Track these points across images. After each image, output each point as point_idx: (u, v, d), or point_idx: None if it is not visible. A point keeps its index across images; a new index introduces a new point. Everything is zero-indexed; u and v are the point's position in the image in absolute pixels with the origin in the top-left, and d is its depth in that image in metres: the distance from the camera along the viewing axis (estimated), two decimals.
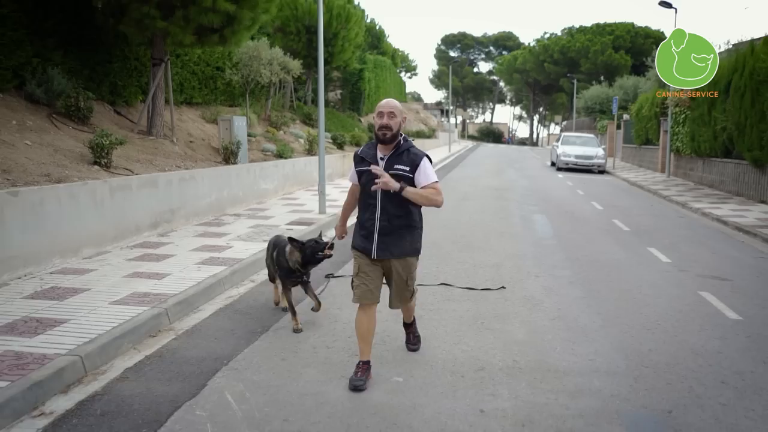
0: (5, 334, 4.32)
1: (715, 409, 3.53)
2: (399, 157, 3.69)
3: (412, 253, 3.86)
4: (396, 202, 3.67)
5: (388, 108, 3.67)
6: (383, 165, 3.67)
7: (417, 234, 3.88)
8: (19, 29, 9.16)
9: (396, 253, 3.77)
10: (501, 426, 3.24)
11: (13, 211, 5.91)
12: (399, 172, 3.65)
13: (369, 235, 3.76)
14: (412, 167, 3.67)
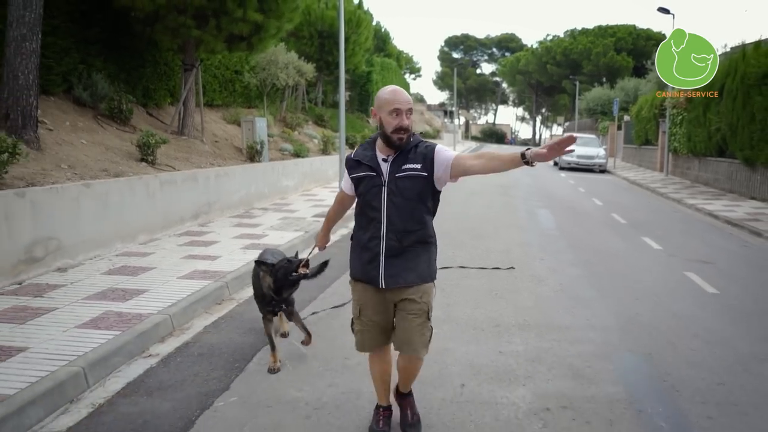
0: (100, 300, 5.20)
1: (687, 353, 4.40)
2: (406, 155, 2.89)
3: (429, 278, 2.98)
4: (407, 211, 2.88)
5: (407, 104, 2.85)
6: (387, 168, 2.89)
7: (434, 252, 3.06)
8: (68, 38, 10.05)
9: (410, 280, 2.91)
10: (516, 361, 4.13)
11: (86, 201, 6.80)
12: (409, 173, 2.85)
13: (373, 258, 2.93)
14: (425, 162, 2.86)
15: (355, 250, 3.07)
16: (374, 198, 2.90)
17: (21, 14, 7.31)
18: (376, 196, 2.89)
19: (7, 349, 4.02)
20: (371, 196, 2.91)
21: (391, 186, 2.87)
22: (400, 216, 2.87)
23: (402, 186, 2.86)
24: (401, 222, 2.87)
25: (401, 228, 2.88)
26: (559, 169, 25.24)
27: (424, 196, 2.89)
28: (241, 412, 3.42)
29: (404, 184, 2.86)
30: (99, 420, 3.36)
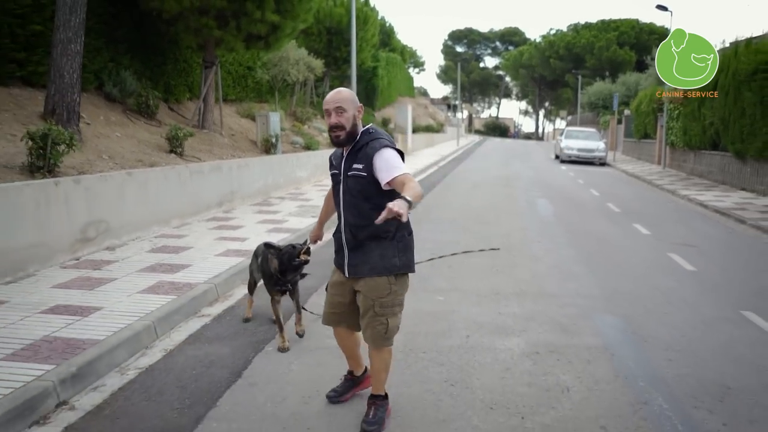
0: (152, 272, 5.98)
1: (659, 315, 5.18)
2: (355, 155, 3.00)
3: (384, 272, 3.03)
4: (355, 210, 3.03)
5: (334, 103, 2.98)
6: (343, 165, 3.06)
7: (392, 247, 3.05)
8: (99, 38, 10.80)
9: (364, 272, 3.05)
10: (513, 320, 4.90)
11: (129, 188, 7.57)
12: (354, 173, 2.98)
13: (339, 249, 3.17)
14: (367, 163, 2.94)
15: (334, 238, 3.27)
16: (336, 194, 3.15)
17: (67, 18, 8.07)
18: (337, 193, 3.13)
19: (86, 308, 4.80)
20: (335, 192, 3.17)
21: (344, 184, 3.05)
22: (351, 212, 3.04)
23: (350, 184, 3.01)
24: (353, 218, 3.03)
25: (353, 223, 3.03)
26: (561, 162, 25.95)
27: (368, 194, 2.97)
28: (288, 354, 4.21)
29: (352, 182, 3.00)
30: (173, 360, 4.14)
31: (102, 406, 3.48)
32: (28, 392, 3.38)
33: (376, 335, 3.09)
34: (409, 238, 3.17)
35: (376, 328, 3.08)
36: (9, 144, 7.26)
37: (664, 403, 3.55)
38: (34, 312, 4.69)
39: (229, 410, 3.41)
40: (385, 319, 3.08)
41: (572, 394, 3.64)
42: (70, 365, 3.73)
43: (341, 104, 2.97)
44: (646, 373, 3.96)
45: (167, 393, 3.63)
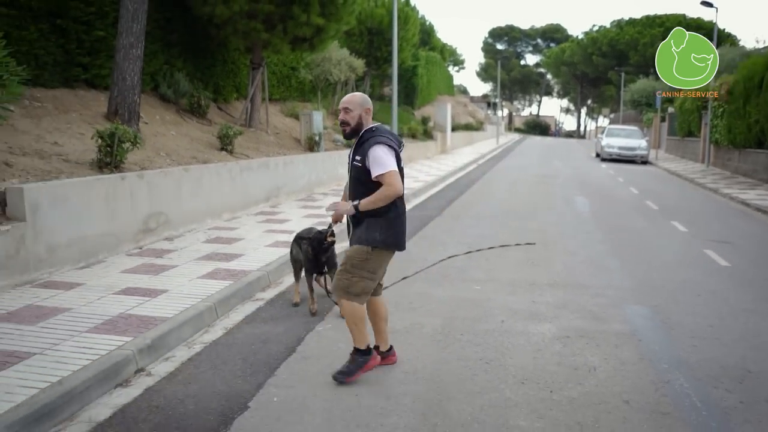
0: (209, 260, 6.48)
1: (687, 306, 5.39)
2: (358, 148, 3.65)
3: (364, 242, 3.63)
4: (356, 192, 3.66)
5: (343, 104, 3.68)
6: (350, 157, 3.74)
7: (376, 224, 3.60)
8: (155, 42, 11.45)
9: (353, 242, 3.72)
10: (545, 307, 5.20)
11: (185, 183, 8.13)
12: (355, 163, 3.65)
13: (348, 225, 3.85)
14: (363, 156, 3.58)
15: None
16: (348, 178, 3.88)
17: (129, 25, 8.69)
18: (349, 179, 3.87)
19: (153, 290, 5.31)
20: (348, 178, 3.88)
21: (350, 171, 3.77)
22: (353, 193, 3.70)
23: (353, 172, 3.72)
24: (354, 198, 3.65)
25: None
26: (601, 160, 25.79)
27: (363, 181, 3.62)
28: (336, 334, 4.61)
29: (354, 171, 3.70)
30: (233, 337, 4.60)
31: (174, 373, 3.95)
32: (113, 358, 3.87)
33: (338, 285, 3.74)
34: (396, 219, 3.68)
35: (341, 281, 3.72)
36: (78, 142, 7.90)
37: (685, 382, 3.81)
38: (108, 293, 5.23)
39: (286, 378, 3.84)
40: (350, 277, 3.68)
41: (598, 373, 3.94)
42: (146, 338, 4.22)
43: (348, 105, 3.68)
44: (670, 357, 4.22)
45: (230, 363, 4.08)
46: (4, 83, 5.57)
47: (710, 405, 3.52)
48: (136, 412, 3.41)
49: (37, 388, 3.39)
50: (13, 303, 4.87)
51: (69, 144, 7.67)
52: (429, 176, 16.70)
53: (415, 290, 5.71)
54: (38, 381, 3.47)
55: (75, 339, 4.14)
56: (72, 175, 6.62)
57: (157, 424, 3.27)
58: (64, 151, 7.38)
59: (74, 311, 4.71)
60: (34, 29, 8.66)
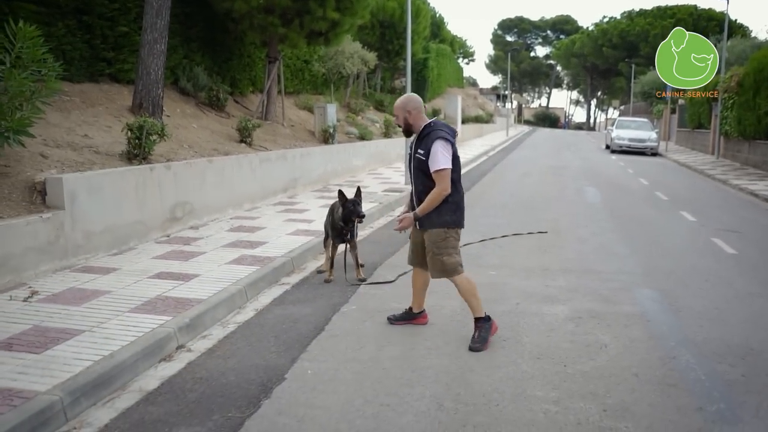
0: (234, 247, 6.78)
1: (695, 290, 5.64)
2: (420, 142, 4.17)
3: (438, 225, 4.15)
4: (419, 181, 4.20)
5: (395, 110, 4.32)
6: (412, 149, 4.26)
7: (444, 207, 4.13)
8: (175, 37, 11.71)
9: (425, 225, 4.19)
10: (558, 291, 5.47)
11: (209, 174, 8.42)
12: (417, 155, 4.14)
13: (412, 208, 4.33)
14: (426, 152, 4.08)
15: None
16: (408, 169, 4.41)
17: (153, 21, 8.96)
18: (408, 168, 4.41)
19: (185, 275, 5.62)
20: (408, 167, 4.41)
21: (412, 163, 4.26)
22: (417, 182, 4.23)
23: (415, 163, 4.21)
24: (419, 186, 4.22)
25: (419, 190, 4.22)
26: (611, 152, 25.89)
27: (426, 171, 4.12)
28: (361, 314, 4.90)
29: (416, 162, 4.19)
30: (264, 317, 4.89)
31: (213, 349, 4.25)
32: (156, 335, 4.17)
33: (436, 269, 4.25)
34: (460, 201, 4.27)
35: (435, 264, 4.23)
36: (106, 134, 8.21)
37: (691, 358, 4.07)
38: (143, 277, 5.54)
39: (318, 354, 4.13)
40: (441, 258, 4.19)
41: (609, 350, 4.20)
42: (184, 317, 4.52)
43: (395, 112, 4.34)
44: (677, 336, 4.48)
45: (264, 341, 4.38)
46: (44, 78, 5.87)
47: (714, 378, 3.78)
48: (181, 382, 3.71)
49: (91, 360, 3.70)
50: (56, 286, 5.19)
51: (98, 136, 7.98)
52: None
53: None
54: (91, 354, 3.77)
55: (119, 318, 4.45)
56: (104, 166, 6.93)
57: (202, 393, 3.57)
58: (94, 143, 7.68)
59: (114, 293, 5.02)
60: (62, 25, 8.96)
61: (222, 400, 3.46)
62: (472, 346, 4.17)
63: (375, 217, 9.39)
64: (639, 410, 3.37)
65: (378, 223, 9.14)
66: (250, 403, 3.42)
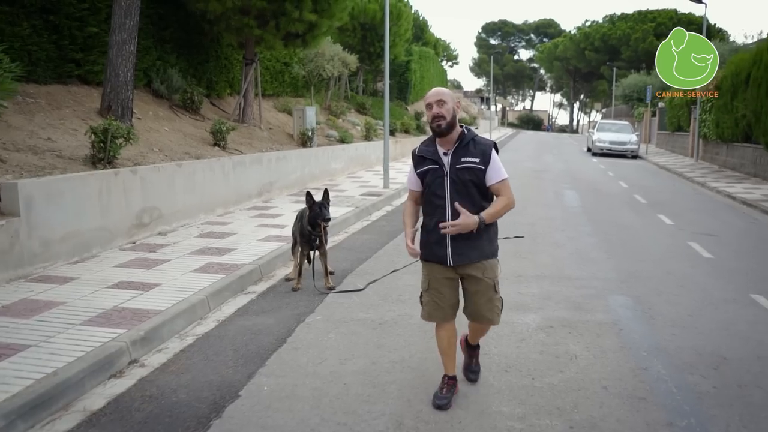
0: (202, 255, 6.57)
1: (669, 297, 5.54)
2: (465, 148, 3.26)
3: (492, 255, 3.40)
4: (468, 199, 3.24)
5: (435, 97, 3.25)
6: (448, 160, 3.26)
7: (494, 231, 3.41)
8: (148, 38, 11.49)
9: (474, 257, 3.29)
10: (531, 299, 5.33)
11: (178, 178, 8.20)
12: (469, 165, 3.23)
13: (440, 240, 3.30)
14: (483, 159, 3.23)
15: (423, 234, 3.42)
16: (438, 187, 3.28)
17: (122, 22, 8.74)
18: (440, 186, 3.27)
19: (146, 284, 5.41)
20: (436, 186, 3.28)
21: (453, 176, 3.24)
22: (462, 200, 3.20)
23: (463, 176, 3.23)
24: (463, 205, 3.18)
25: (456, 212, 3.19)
26: (592, 155, 25.95)
27: (480, 184, 3.26)
28: (326, 325, 4.73)
29: (465, 174, 3.22)
30: (225, 329, 4.70)
31: (167, 364, 4.05)
32: (106, 350, 3.97)
33: (496, 312, 3.45)
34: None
35: (496, 306, 3.43)
36: (71, 138, 7.96)
37: (662, 369, 3.95)
38: (102, 287, 5.32)
39: (276, 368, 3.95)
40: (500, 296, 3.47)
41: (579, 361, 4.07)
42: (139, 330, 4.32)
43: (442, 97, 3.24)
44: (649, 345, 4.36)
45: (222, 354, 4.19)
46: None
47: (685, 390, 3.66)
48: (129, 401, 3.51)
49: (33, 378, 3.49)
50: (8, 297, 4.96)
51: (62, 140, 7.74)
52: None
53: (405, 282, 5.83)
54: (34, 372, 3.56)
55: (69, 331, 4.24)
56: (66, 171, 6.69)
57: (149, 412, 3.37)
58: (58, 147, 7.44)
59: (68, 305, 4.80)
60: (27, 25, 8.71)
61: (170, 420, 3.27)
62: (474, 378, 3.78)
63: (350, 222, 9.23)
64: (607, 426, 3.24)
65: (353, 228, 8.97)
66: (200, 423, 3.24)
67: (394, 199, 11.87)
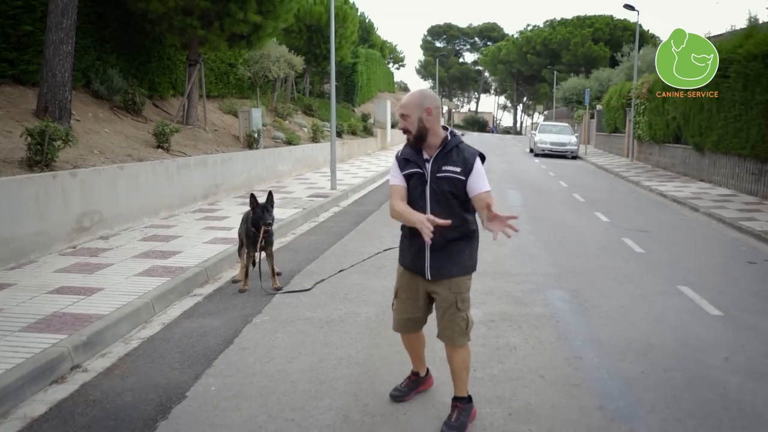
0: (146, 258, 6.48)
1: (603, 289, 5.84)
2: (448, 156, 3.06)
3: (470, 270, 3.23)
4: (448, 210, 3.03)
5: (400, 109, 3.12)
6: (429, 167, 3.08)
7: (475, 246, 3.24)
8: (87, 38, 11.17)
9: (454, 273, 3.14)
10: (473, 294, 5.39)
11: (120, 181, 8.04)
12: (448, 174, 3.03)
13: (420, 251, 3.14)
14: (465, 168, 3.02)
15: (403, 241, 3.29)
16: (420, 195, 3.09)
17: (59, 20, 8.48)
18: (422, 194, 3.09)
19: (88, 289, 5.31)
20: (417, 193, 3.10)
21: (433, 185, 3.05)
22: (442, 212, 2.97)
23: (442, 185, 3.03)
24: (444, 217, 2.92)
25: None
26: (534, 155, 26.71)
27: (460, 195, 3.05)
28: (273, 325, 4.77)
29: (444, 183, 3.02)
30: (171, 331, 4.68)
31: (111, 368, 4.01)
32: (47, 356, 3.90)
33: (458, 332, 3.19)
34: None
35: (458, 324, 3.18)
36: (5, 140, 7.68)
37: (595, 357, 4.18)
38: (41, 292, 5.19)
39: (223, 369, 3.97)
40: (465, 314, 3.21)
41: (518, 352, 4.26)
42: (81, 335, 4.25)
43: (404, 110, 3.08)
44: (584, 336, 4.60)
45: (168, 357, 4.18)
46: None
47: (615, 376, 3.89)
48: (72, 406, 3.47)
49: None
50: None
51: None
52: (369, 172, 16.95)
53: (351, 282, 5.93)
54: None
55: (7, 339, 4.13)
56: (0, 174, 6.47)
57: (93, 417, 3.35)
58: None
59: (5, 311, 4.67)
60: None
61: (115, 423, 3.26)
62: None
63: (298, 223, 9.25)
64: (543, 412, 3.42)
65: (300, 229, 8.99)
66: (146, 425, 3.24)
67: (341, 200, 11.94)
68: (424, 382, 3.68)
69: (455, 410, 3.26)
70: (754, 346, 4.51)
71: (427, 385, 3.71)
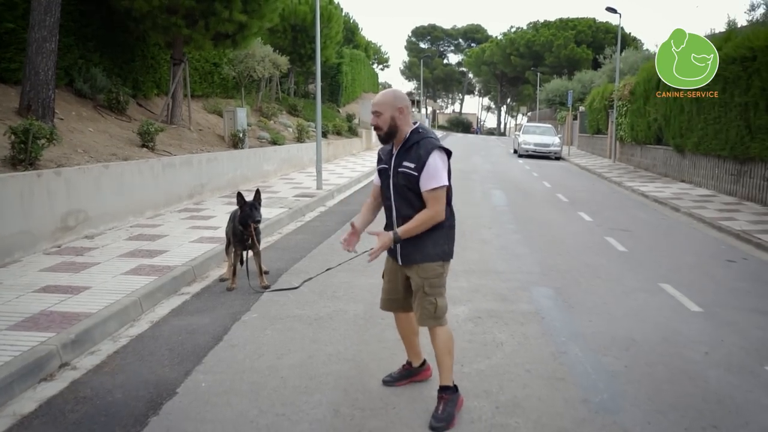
0: (132, 257, 6.46)
1: (587, 287, 5.95)
2: (408, 152, 3.22)
3: (435, 258, 3.30)
4: (407, 203, 3.25)
5: (373, 107, 3.26)
6: (393, 161, 3.28)
7: (441, 234, 3.31)
8: (69, 36, 11.08)
9: (418, 259, 3.29)
10: (460, 292, 5.58)
11: (105, 180, 8.00)
12: (405, 170, 3.20)
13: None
14: (419, 164, 3.16)
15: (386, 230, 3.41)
16: (386, 188, 3.34)
17: (42, 18, 8.42)
18: (387, 188, 3.33)
19: (75, 287, 5.29)
20: (385, 187, 3.36)
21: (394, 179, 3.27)
22: (403, 204, 3.25)
23: (401, 180, 3.23)
24: (404, 210, 3.24)
25: (405, 215, 3.24)
26: (518, 156, 26.93)
27: (416, 190, 3.20)
28: (262, 322, 4.79)
29: (402, 178, 3.21)
30: (159, 329, 4.69)
31: (101, 366, 4.01)
32: (35, 354, 3.89)
33: (426, 314, 3.32)
34: (453, 228, 3.47)
35: (426, 308, 3.31)
36: None
37: (579, 352, 4.27)
38: (27, 291, 5.16)
39: (213, 365, 3.99)
40: (434, 299, 3.31)
41: (505, 347, 4.34)
42: (69, 333, 4.25)
43: (377, 108, 3.22)
44: (568, 331, 4.69)
45: (157, 354, 4.19)
46: None
47: (599, 370, 3.98)
48: (62, 403, 3.48)
49: None
50: None
51: None
52: (354, 172, 16.99)
53: (339, 280, 5.97)
54: None
55: None
56: None
57: (84, 413, 3.36)
58: None
59: None
60: None
61: (106, 419, 3.27)
62: (436, 425, 3.22)
63: (284, 222, 9.26)
64: (529, 405, 3.49)
65: (287, 228, 9.01)
66: (137, 421, 3.25)
67: (327, 200, 11.98)
68: (419, 373, 3.78)
69: (441, 402, 3.35)
70: (733, 340, 4.63)
71: (423, 376, 3.79)
